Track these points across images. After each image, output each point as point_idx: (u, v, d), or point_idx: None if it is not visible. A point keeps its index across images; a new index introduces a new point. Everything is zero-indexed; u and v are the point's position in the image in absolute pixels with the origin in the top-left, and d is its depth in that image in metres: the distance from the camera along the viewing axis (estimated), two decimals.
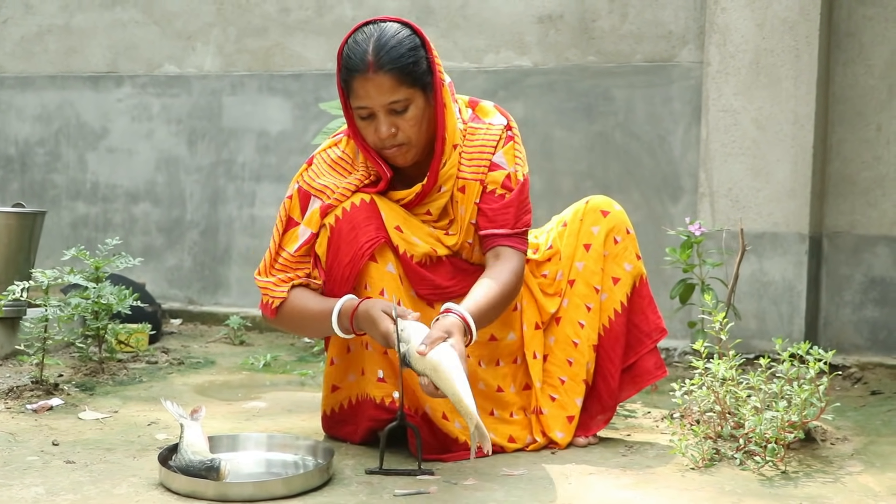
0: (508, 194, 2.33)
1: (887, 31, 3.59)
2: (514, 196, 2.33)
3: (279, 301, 2.28)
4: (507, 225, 2.32)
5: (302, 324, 2.31)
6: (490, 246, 2.32)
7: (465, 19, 4.08)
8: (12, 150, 4.75)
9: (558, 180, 3.90)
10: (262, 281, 2.31)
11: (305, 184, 2.31)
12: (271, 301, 2.29)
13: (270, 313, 2.31)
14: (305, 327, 2.34)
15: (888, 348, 3.61)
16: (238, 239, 4.43)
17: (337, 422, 2.44)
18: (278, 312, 2.30)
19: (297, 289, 2.29)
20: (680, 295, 3.19)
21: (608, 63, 3.89)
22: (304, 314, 2.26)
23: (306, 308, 2.26)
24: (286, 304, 2.28)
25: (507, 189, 2.33)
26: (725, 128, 3.60)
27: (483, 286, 2.23)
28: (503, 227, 2.32)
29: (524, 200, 2.37)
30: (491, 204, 2.32)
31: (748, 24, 3.57)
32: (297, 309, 2.27)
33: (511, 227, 2.32)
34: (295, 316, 2.29)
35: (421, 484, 2.09)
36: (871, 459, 2.36)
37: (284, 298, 2.28)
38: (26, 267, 3.29)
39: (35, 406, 2.69)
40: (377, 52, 2.17)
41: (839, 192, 3.66)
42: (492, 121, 2.37)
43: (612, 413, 2.49)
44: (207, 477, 1.99)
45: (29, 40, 4.73)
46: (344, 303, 2.20)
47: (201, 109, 4.47)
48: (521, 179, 2.34)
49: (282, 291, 2.28)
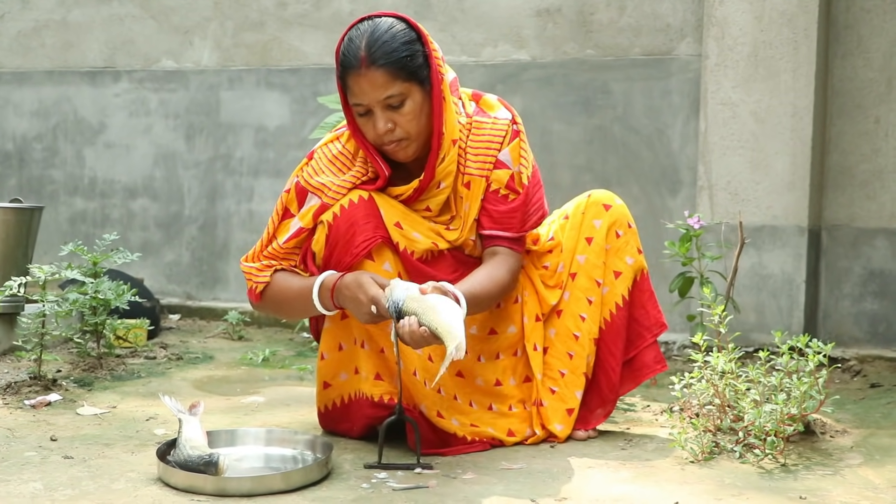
0: (513, 195, 2.32)
1: (885, 23, 3.59)
2: (520, 201, 2.33)
3: (262, 286, 2.30)
4: (511, 229, 2.33)
5: (286, 304, 2.31)
6: (490, 245, 2.33)
7: (462, 13, 4.07)
8: (10, 145, 4.74)
9: (557, 174, 3.89)
10: (247, 266, 2.32)
11: (304, 180, 2.30)
12: (255, 286, 2.31)
13: (255, 297, 2.33)
14: (289, 307, 2.33)
15: (887, 341, 3.60)
16: (236, 234, 4.42)
17: (333, 419, 2.44)
18: (262, 296, 2.31)
19: (281, 272, 2.30)
20: (679, 288, 3.19)
21: (606, 56, 3.88)
22: (287, 293, 2.27)
23: (289, 287, 2.27)
24: (269, 287, 2.30)
25: (510, 190, 2.33)
26: (724, 121, 3.60)
27: (478, 275, 2.26)
28: (508, 231, 2.33)
29: (534, 203, 2.37)
30: (497, 205, 2.32)
31: (746, 16, 3.56)
32: (281, 289, 2.28)
33: (516, 232, 2.34)
34: (278, 296, 2.29)
35: (420, 478, 2.09)
36: (871, 452, 2.35)
37: (267, 283, 2.29)
38: (24, 262, 3.29)
39: (33, 402, 2.69)
40: (370, 48, 2.17)
41: (838, 185, 3.66)
42: (497, 115, 2.36)
43: (612, 407, 2.49)
44: (206, 472, 1.99)
45: (26, 35, 4.71)
46: (326, 276, 2.20)
47: (199, 104, 4.46)
48: (525, 183, 2.34)
49: (265, 276, 2.30)
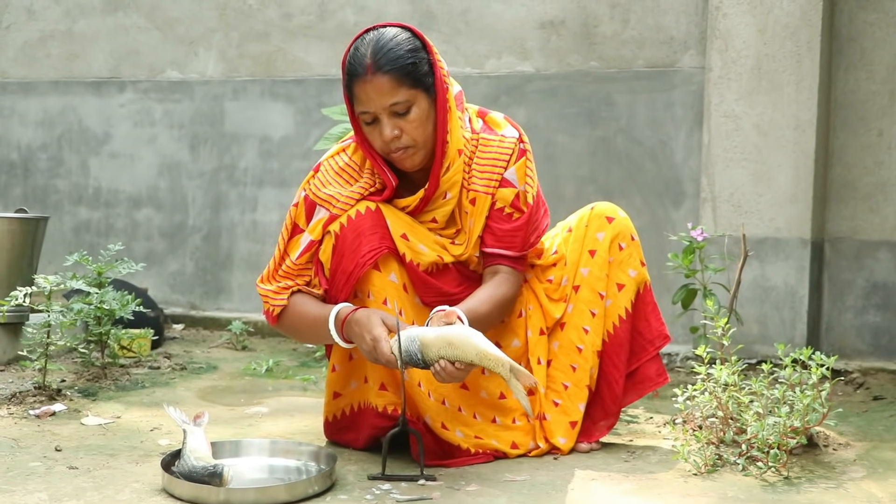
0: (517, 214, 2.33)
1: (889, 36, 3.59)
2: (524, 220, 2.34)
3: (279, 309, 2.31)
4: (514, 248, 2.34)
5: (302, 330, 2.33)
6: (492, 263, 2.34)
7: (467, 25, 4.08)
8: (15, 155, 4.76)
9: (560, 185, 3.90)
10: (263, 289, 2.34)
11: (311, 193, 2.31)
12: (272, 309, 2.32)
13: (273, 320, 2.35)
14: (306, 334, 2.35)
15: (890, 353, 3.60)
16: (240, 244, 4.43)
17: (339, 428, 2.44)
18: (279, 319, 2.33)
19: (297, 295, 2.31)
20: (682, 300, 3.19)
21: (610, 68, 3.89)
22: (304, 321, 2.29)
23: (306, 315, 2.28)
24: (286, 312, 2.31)
25: (515, 209, 2.33)
26: (727, 133, 3.61)
27: (480, 295, 2.28)
28: (510, 250, 2.34)
29: (534, 223, 2.38)
30: (501, 224, 2.33)
31: (750, 29, 3.58)
32: (297, 316, 2.30)
33: (518, 251, 2.34)
34: (295, 322, 2.31)
35: (424, 489, 2.09)
36: (874, 465, 2.35)
37: (284, 306, 2.30)
38: (29, 272, 3.30)
39: (38, 412, 2.69)
40: (375, 55, 2.18)
41: (841, 198, 3.66)
42: (504, 133, 2.36)
43: (615, 419, 2.49)
44: (210, 483, 1.99)
45: (32, 46, 4.73)
46: (339, 310, 2.21)
47: (203, 115, 4.48)
48: (530, 203, 2.35)
49: (282, 299, 2.31)
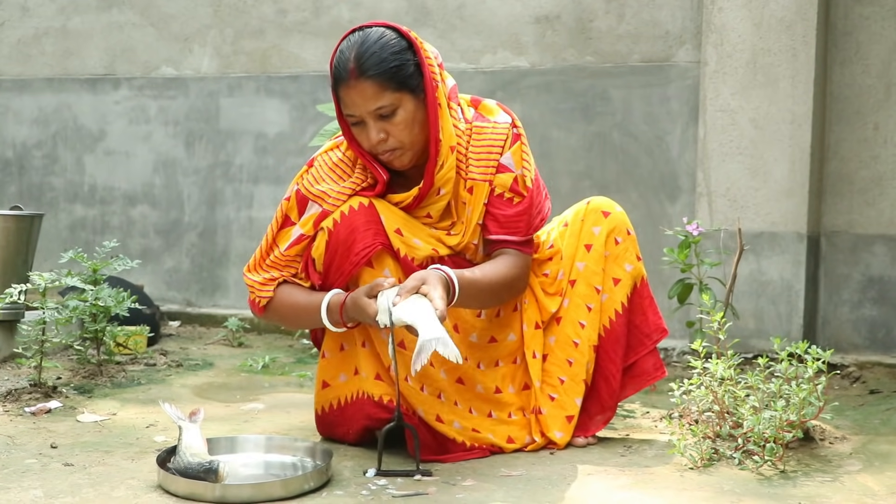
0: (518, 199, 2.33)
1: (884, 29, 3.59)
2: (526, 203, 2.34)
3: (265, 300, 2.32)
4: (519, 232, 2.34)
5: (291, 318, 2.35)
6: (497, 248, 2.34)
7: (461, 20, 4.08)
8: (10, 152, 4.75)
9: (556, 180, 3.90)
10: (250, 279, 2.35)
11: (304, 188, 2.31)
12: (258, 300, 2.33)
13: (258, 310, 2.36)
14: (295, 321, 2.39)
15: (886, 347, 3.61)
16: (236, 241, 4.42)
17: (330, 423, 2.43)
18: (266, 309, 2.34)
19: (284, 285, 2.32)
20: (678, 295, 3.19)
21: (605, 63, 3.89)
22: (294, 309, 2.31)
23: (295, 303, 2.30)
24: (273, 301, 2.33)
25: (515, 193, 2.33)
26: (723, 127, 3.60)
27: (480, 266, 2.28)
28: (515, 235, 2.33)
29: (536, 206, 2.37)
30: (503, 209, 2.32)
31: (745, 23, 3.57)
32: (286, 305, 2.31)
33: (523, 235, 2.34)
34: (283, 311, 2.33)
35: (419, 485, 2.09)
36: (870, 458, 2.35)
37: (271, 297, 2.32)
38: (24, 270, 3.29)
39: (33, 409, 2.69)
40: (359, 59, 2.18)
41: (837, 192, 3.66)
42: (497, 119, 2.36)
43: (611, 413, 2.49)
44: (206, 479, 1.99)
45: (26, 43, 4.72)
46: (331, 298, 2.23)
47: (199, 111, 4.47)
48: (530, 186, 2.34)
49: (268, 290, 2.32)
